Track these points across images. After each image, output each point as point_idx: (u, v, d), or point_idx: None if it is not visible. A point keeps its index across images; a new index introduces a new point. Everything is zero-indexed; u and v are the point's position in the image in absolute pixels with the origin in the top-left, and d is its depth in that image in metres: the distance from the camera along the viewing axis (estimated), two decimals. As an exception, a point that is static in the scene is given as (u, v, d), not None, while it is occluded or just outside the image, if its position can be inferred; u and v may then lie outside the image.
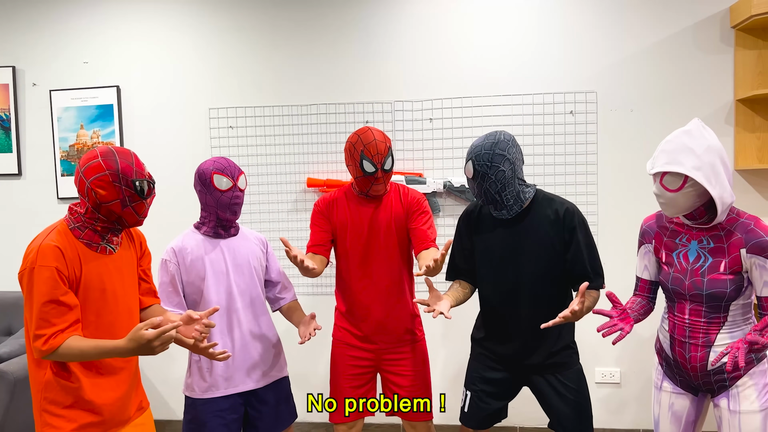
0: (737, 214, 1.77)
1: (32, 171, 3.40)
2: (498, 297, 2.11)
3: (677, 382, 1.92)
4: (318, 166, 3.17)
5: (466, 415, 2.20)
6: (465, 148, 3.05)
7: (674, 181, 1.72)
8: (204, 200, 2.13)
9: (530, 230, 2.03)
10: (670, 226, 1.88)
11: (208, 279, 2.12)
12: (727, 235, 1.75)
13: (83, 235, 1.73)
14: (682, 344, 1.84)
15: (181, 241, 2.14)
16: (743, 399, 1.77)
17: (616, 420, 3.06)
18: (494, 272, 2.10)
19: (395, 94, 3.10)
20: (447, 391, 3.16)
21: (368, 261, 2.23)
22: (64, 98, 3.31)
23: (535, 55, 3.00)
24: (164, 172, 3.29)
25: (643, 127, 2.95)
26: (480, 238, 2.12)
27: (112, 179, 1.70)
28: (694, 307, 1.81)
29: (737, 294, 1.75)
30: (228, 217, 2.13)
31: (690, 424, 1.93)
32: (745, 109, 2.85)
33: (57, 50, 3.33)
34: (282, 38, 3.17)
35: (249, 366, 2.17)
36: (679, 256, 1.83)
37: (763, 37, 2.81)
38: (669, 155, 1.72)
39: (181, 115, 3.27)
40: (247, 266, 2.19)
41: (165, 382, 3.38)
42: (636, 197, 2.97)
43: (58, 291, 1.63)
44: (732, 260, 1.74)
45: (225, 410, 2.14)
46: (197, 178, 2.13)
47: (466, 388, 2.22)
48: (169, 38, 3.25)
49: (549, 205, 2.04)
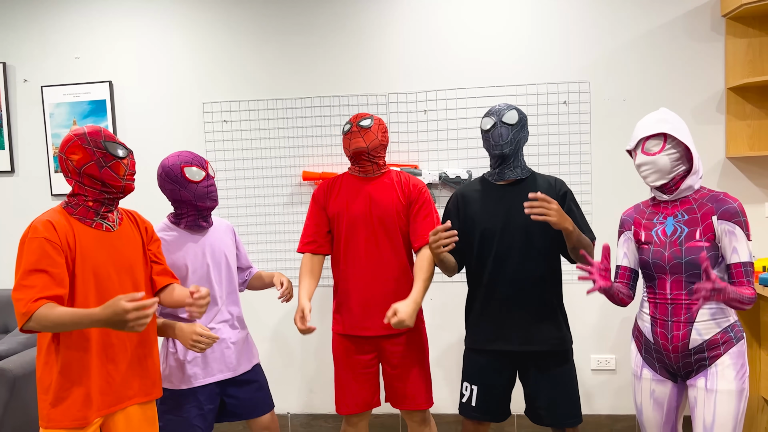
0: (708, 190, 1.92)
1: (25, 168, 3.38)
2: (497, 267, 2.12)
3: (656, 368, 1.95)
4: (313, 159, 3.17)
5: (473, 408, 2.18)
6: (459, 140, 3.06)
7: (656, 144, 1.87)
8: (178, 196, 2.12)
9: (526, 196, 2.12)
10: (647, 209, 1.99)
11: (189, 276, 2.14)
12: (700, 207, 1.87)
13: (76, 212, 1.79)
14: (664, 324, 1.88)
15: (160, 237, 2.13)
16: (721, 378, 1.82)
17: (612, 406, 3.11)
18: (487, 243, 2.14)
19: (390, 86, 3.10)
20: (442, 379, 3.19)
21: (366, 245, 2.25)
22: (56, 94, 3.29)
23: (529, 46, 3.01)
24: (157, 165, 3.28)
25: (636, 116, 2.97)
26: (475, 215, 2.16)
27: (80, 142, 1.77)
28: (675, 279, 1.87)
29: (715, 261, 1.84)
30: (208, 205, 2.15)
31: (672, 410, 1.97)
32: (736, 97, 2.88)
33: (48, 46, 3.30)
34: (275, 31, 3.16)
35: (226, 355, 2.20)
36: (658, 232, 1.93)
37: (754, 26, 2.84)
38: (647, 126, 1.90)
39: (174, 109, 3.25)
40: (225, 260, 2.22)
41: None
42: (629, 185, 3.00)
43: (44, 261, 1.66)
44: (705, 227, 1.84)
45: (203, 401, 2.16)
46: (165, 177, 2.11)
47: (469, 382, 2.19)
48: (162, 32, 3.23)
49: (542, 179, 2.18)
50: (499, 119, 2.10)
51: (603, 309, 3.06)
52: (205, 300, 1.85)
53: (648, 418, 2.00)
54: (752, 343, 2.85)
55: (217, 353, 2.19)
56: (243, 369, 2.25)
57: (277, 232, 3.22)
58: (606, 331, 3.07)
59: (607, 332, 3.07)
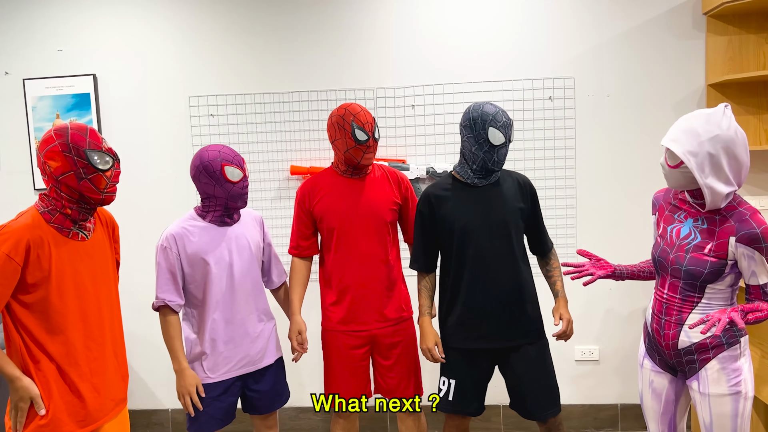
0: (738, 203, 1.79)
1: (7, 162, 3.33)
2: (477, 267, 2.14)
3: (656, 360, 1.97)
4: (301, 153, 3.17)
5: (452, 402, 2.19)
6: (447, 134, 3.09)
7: (673, 158, 1.77)
8: (211, 191, 2.09)
9: (499, 196, 2.15)
10: (674, 201, 1.91)
11: (212, 268, 2.11)
12: (722, 221, 1.78)
13: (53, 219, 1.69)
14: (659, 320, 1.90)
15: (182, 228, 2.11)
16: (712, 382, 1.81)
17: (595, 396, 3.17)
18: (464, 242, 2.13)
19: (378, 80, 3.11)
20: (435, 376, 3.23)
21: (356, 240, 2.26)
22: (38, 87, 3.24)
23: (515, 42, 3.04)
24: (144, 160, 3.26)
25: (619, 111, 3.02)
26: (450, 215, 2.15)
27: (61, 149, 1.66)
28: (673, 282, 1.86)
29: (714, 278, 1.78)
30: (239, 206, 2.14)
31: (671, 403, 1.97)
32: (717, 93, 2.94)
33: (29, 38, 3.25)
34: (262, 24, 3.14)
35: (250, 349, 2.20)
36: (672, 231, 1.88)
37: (734, 23, 2.90)
38: (676, 132, 1.75)
39: (160, 103, 3.23)
40: (248, 252, 2.20)
41: (151, 372, 3.37)
42: (613, 180, 3.06)
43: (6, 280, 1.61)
44: (718, 245, 1.77)
45: (223, 394, 2.17)
46: (202, 170, 2.07)
47: (446, 377, 2.20)
48: (147, 25, 3.20)
49: (511, 178, 2.21)
50: (507, 138, 2.06)
51: (587, 301, 3.12)
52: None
53: (647, 406, 2.03)
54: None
55: (241, 348, 2.17)
56: (266, 362, 2.24)
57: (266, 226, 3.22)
58: (590, 323, 3.13)
59: (591, 324, 3.14)
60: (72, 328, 1.73)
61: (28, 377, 1.70)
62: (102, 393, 1.80)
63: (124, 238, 3.29)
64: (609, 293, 3.11)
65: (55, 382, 1.72)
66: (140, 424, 3.38)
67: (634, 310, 3.11)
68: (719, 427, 1.82)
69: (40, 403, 1.69)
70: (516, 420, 3.20)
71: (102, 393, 1.80)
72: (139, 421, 3.38)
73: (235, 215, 2.19)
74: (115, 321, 1.87)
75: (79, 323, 1.74)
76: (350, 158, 2.21)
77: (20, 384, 1.67)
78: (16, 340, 1.70)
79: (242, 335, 2.18)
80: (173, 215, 3.26)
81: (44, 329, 1.70)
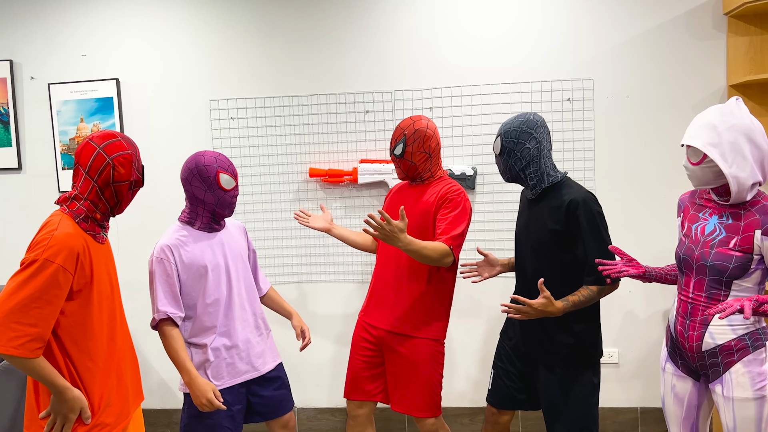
0: (762, 197, 1.79)
1: (32, 165, 3.40)
2: (517, 278, 2.23)
3: (678, 364, 1.96)
4: (320, 156, 3.20)
5: (489, 392, 2.30)
6: (465, 137, 3.10)
7: (695, 155, 1.78)
8: (201, 196, 2.09)
9: (541, 213, 2.09)
10: (699, 201, 1.92)
11: (209, 275, 2.11)
12: (747, 215, 1.78)
13: (88, 227, 1.73)
14: (683, 322, 1.88)
15: (174, 239, 2.10)
16: (736, 386, 1.79)
17: (615, 399, 3.15)
18: (516, 253, 2.23)
19: (395, 83, 3.13)
20: (471, 374, 3.23)
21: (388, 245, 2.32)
22: (63, 91, 3.31)
23: (534, 44, 3.04)
24: (165, 163, 3.31)
25: (639, 112, 3.01)
26: (518, 218, 2.25)
27: (132, 159, 1.74)
28: (699, 280, 1.84)
29: (741, 273, 1.77)
30: (225, 214, 2.15)
31: (693, 408, 1.95)
32: (738, 94, 2.91)
33: (54, 43, 3.32)
34: (281, 29, 3.18)
35: (252, 354, 2.20)
36: (697, 229, 1.87)
37: (755, 24, 2.88)
38: (694, 129, 1.77)
39: (181, 107, 3.28)
40: (240, 256, 2.22)
41: (171, 372, 3.41)
42: (631, 182, 3.04)
43: (52, 292, 1.59)
44: (743, 239, 1.76)
45: (230, 402, 2.15)
46: (196, 173, 2.08)
47: (492, 368, 2.31)
48: (169, 30, 3.25)
49: (557, 195, 2.05)
50: (494, 148, 2.15)
51: (606, 304, 3.10)
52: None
53: (669, 411, 2.01)
54: None
55: (244, 354, 2.18)
56: (268, 368, 2.26)
57: (284, 228, 3.25)
58: (609, 326, 3.12)
59: (611, 326, 3.12)
60: (104, 328, 1.77)
61: (75, 387, 1.70)
62: (127, 388, 1.85)
63: (144, 237, 3.34)
64: (629, 295, 3.09)
65: (95, 385, 1.74)
66: (161, 423, 3.42)
67: (654, 313, 3.08)
68: (743, 431, 1.80)
69: (87, 413, 1.70)
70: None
71: (127, 388, 1.85)
72: (160, 421, 3.42)
73: (222, 222, 2.21)
74: (124, 317, 1.92)
75: (106, 323, 1.78)
76: None
77: (71, 395, 1.66)
78: (54, 348, 1.68)
79: (244, 341, 2.18)
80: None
81: (82, 333, 1.71)
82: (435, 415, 2.33)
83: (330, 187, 3.20)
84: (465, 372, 3.22)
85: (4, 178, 3.42)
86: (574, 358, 2.07)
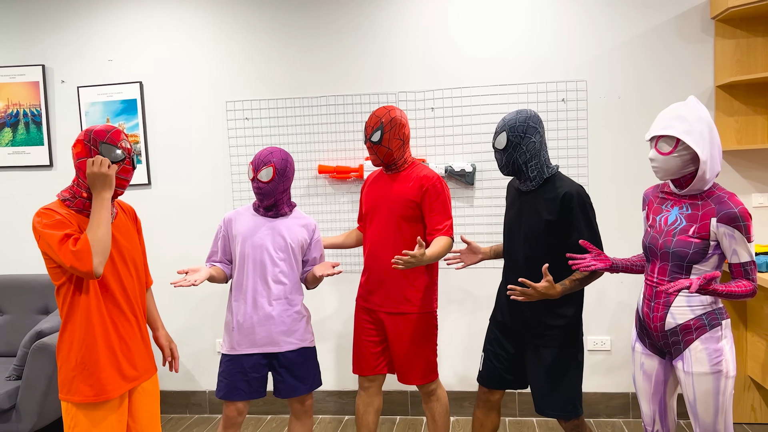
0: (717, 188, 1.96)
1: (62, 162, 3.66)
2: (507, 265, 2.35)
3: (646, 344, 2.11)
4: (328, 153, 3.41)
5: (480, 373, 2.44)
6: (464, 135, 3.28)
7: (667, 144, 1.93)
8: (289, 185, 2.48)
9: (535, 203, 2.24)
10: (662, 194, 2.08)
11: (246, 248, 2.40)
12: (704, 205, 1.94)
13: (74, 204, 1.93)
14: (649, 304, 2.04)
15: (233, 214, 2.48)
16: (695, 362, 1.94)
17: (607, 384, 3.31)
18: (506, 242, 2.35)
19: (400, 85, 3.32)
20: (461, 358, 3.41)
21: (379, 228, 2.51)
22: (90, 94, 3.56)
23: (530, 47, 3.21)
24: (185, 160, 3.54)
25: (630, 113, 3.16)
26: (507, 208, 2.38)
27: (83, 138, 1.93)
28: (662, 266, 2.00)
29: (700, 258, 1.93)
30: (259, 202, 2.44)
31: (661, 384, 2.10)
32: (725, 94, 3.06)
33: (83, 49, 3.57)
34: (293, 34, 3.39)
35: (272, 331, 2.41)
36: (661, 219, 2.03)
37: (741, 27, 3.02)
38: (664, 122, 1.94)
39: (199, 108, 3.51)
40: (285, 244, 2.43)
41: (190, 356, 3.64)
42: (624, 180, 3.19)
43: (62, 224, 1.83)
44: (701, 227, 1.92)
45: (247, 368, 2.40)
46: (292, 168, 2.47)
47: (483, 350, 2.45)
48: (188, 35, 3.49)
49: (551, 189, 2.21)
50: (493, 144, 2.28)
51: (599, 293, 3.26)
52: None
53: (639, 387, 2.16)
54: (738, 326, 3.03)
55: (264, 327, 2.40)
56: (287, 348, 2.43)
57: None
58: (601, 314, 3.27)
59: (603, 314, 3.28)
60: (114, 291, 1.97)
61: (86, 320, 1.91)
62: (134, 356, 2.03)
63: (166, 230, 3.57)
64: (620, 286, 3.25)
65: (105, 338, 1.94)
66: (180, 404, 3.66)
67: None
68: (703, 404, 1.95)
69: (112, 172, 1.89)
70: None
71: (134, 356, 2.03)
72: (179, 401, 3.66)
73: (271, 212, 2.44)
74: (140, 298, 2.10)
75: (117, 288, 1.98)
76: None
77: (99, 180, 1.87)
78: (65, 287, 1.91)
79: (265, 317, 2.40)
80: (211, 210, 3.54)
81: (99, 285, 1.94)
82: (434, 378, 2.56)
83: (338, 183, 3.41)
84: (452, 359, 3.40)
85: (36, 174, 3.68)
86: (560, 337, 2.24)
